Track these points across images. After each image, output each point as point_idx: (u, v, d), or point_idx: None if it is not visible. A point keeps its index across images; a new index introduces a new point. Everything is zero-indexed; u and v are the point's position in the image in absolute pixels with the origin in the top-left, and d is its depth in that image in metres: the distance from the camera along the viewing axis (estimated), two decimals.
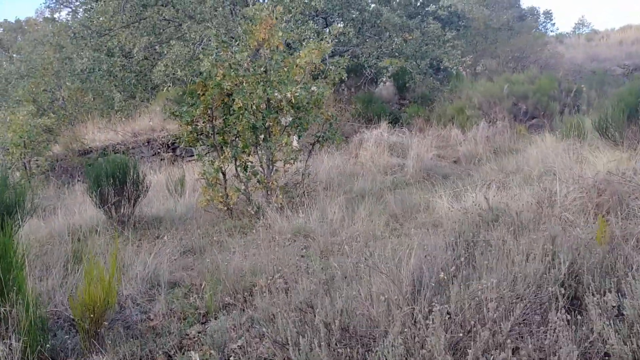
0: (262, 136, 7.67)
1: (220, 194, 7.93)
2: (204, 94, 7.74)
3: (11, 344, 3.56)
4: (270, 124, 7.50)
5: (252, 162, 8.01)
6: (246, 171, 7.92)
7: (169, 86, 13.51)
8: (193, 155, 16.37)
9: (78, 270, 5.60)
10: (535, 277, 3.25)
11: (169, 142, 15.99)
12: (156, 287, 5.46)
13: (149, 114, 17.80)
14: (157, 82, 15.74)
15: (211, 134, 7.94)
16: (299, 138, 7.92)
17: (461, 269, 3.65)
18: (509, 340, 2.77)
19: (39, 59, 20.04)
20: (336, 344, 2.86)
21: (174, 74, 13.78)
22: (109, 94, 18.66)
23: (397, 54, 16.09)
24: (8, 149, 14.20)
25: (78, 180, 13.76)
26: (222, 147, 8.17)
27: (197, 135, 8.02)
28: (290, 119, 7.39)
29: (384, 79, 19.36)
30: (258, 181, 7.78)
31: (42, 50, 21.00)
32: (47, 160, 14.87)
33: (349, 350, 2.88)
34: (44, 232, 8.21)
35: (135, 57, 15.64)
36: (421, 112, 14.93)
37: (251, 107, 7.27)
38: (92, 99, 19.84)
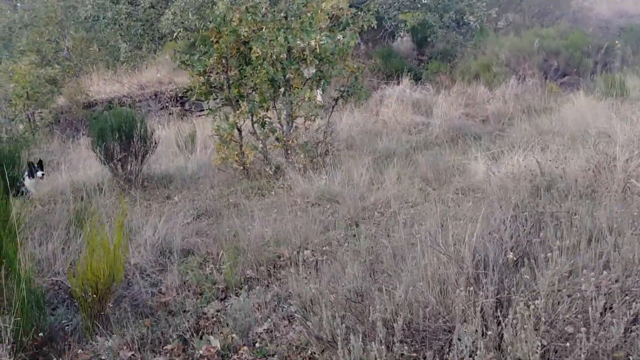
0: (282, 89, 6.95)
1: (236, 152, 7.28)
2: (217, 42, 6.99)
3: None
4: (291, 76, 6.78)
5: (270, 118, 7.33)
6: (264, 128, 7.24)
7: (179, 32, 12.59)
8: (203, 110, 15.61)
9: (80, 234, 5.03)
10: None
11: (178, 96, 15.25)
12: (167, 255, 4.88)
13: (156, 66, 16.99)
14: (164, 32, 14.84)
15: (226, 87, 7.23)
16: (323, 92, 7.20)
17: (530, 249, 3.04)
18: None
19: (42, 7, 19.06)
20: (397, 345, 2.25)
21: (182, 22, 12.90)
22: (115, 44, 17.78)
23: (418, 6, 15.10)
24: (11, 101, 13.52)
25: (83, 134, 13.11)
26: (237, 100, 7.47)
27: (210, 88, 7.31)
28: (314, 70, 6.66)
29: (402, 34, 18.35)
30: (276, 139, 7.12)
31: None
32: (51, 112, 14.18)
33: (413, 353, 2.29)
34: (45, 190, 7.63)
35: (141, 4, 14.74)
36: (443, 68, 14.06)
37: (270, 56, 6.53)
38: (98, 50, 18.93)
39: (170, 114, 14.96)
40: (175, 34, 16.18)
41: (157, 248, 4.92)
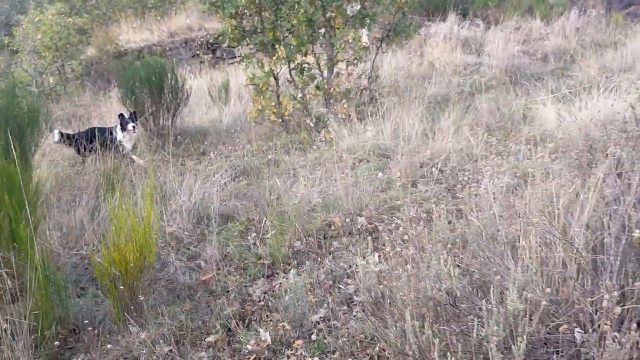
0: (322, 31, 6.20)
1: (273, 103, 6.65)
2: None
3: (13, 320, 2.55)
4: (332, 14, 6.01)
5: (309, 64, 6.62)
6: (302, 75, 6.55)
7: None
8: (235, 57, 14.93)
9: (110, 200, 4.57)
10: None
11: (209, 43, 14.55)
12: (205, 221, 4.39)
13: (186, 12, 16.22)
14: None
15: (259, 30, 6.51)
16: (369, 31, 6.41)
17: None
18: None
19: None
20: None
21: None
22: None
23: None
24: (40, 52, 13.07)
25: (114, 86, 12.63)
26: (272, 45, 6.77)
27: (243, 32, 6.61)
28: (358, 7, 5.88)
29: None
30: (317, 87, 6.43)
31: None
32: (81, 64, 13.74)
33: None
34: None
35: None
36: (492, 1, 12.86)
37: None
38: None
39: (201, 62, 14.33)
40: None
41: (194, 214, 4.42)
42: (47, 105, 11.07)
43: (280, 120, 6.73)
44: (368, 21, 6.16)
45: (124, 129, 6.47)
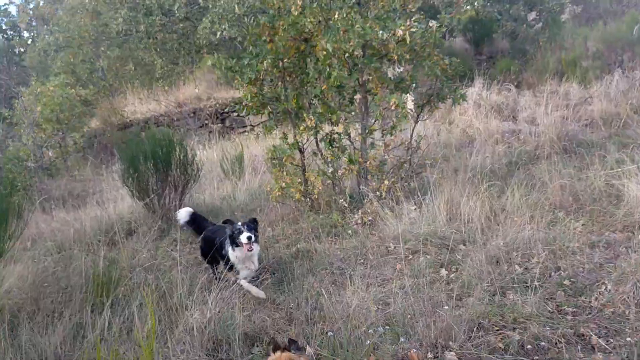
0: (357, 97, 5.28)
1: (299, 180, 5.66)
2: (272, 40, 5.39)
3: None
4: (369, 77, 5.11)
5: (339, 134, 5.67)
6: (332, 146, 5.58)
7: (219, 41, 11.02)
8: (245, 126, 14.21)
9: (101, 313, 3.46)
10: None
11: (218, 112, 13.83)
12: (224, 347, 3.24)
13: (194, 82, 15.63)
14: (202, 43, 13.47)
15: (283, 97, 5.61)
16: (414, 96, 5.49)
17: None
18: None
19: (76, 28, 18.02)
20: None
21: (222, 32, 11.43)
22: (150, 60, 16.53)
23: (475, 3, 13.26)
24: (40, 125, 12.30)
25: (118, 159, 11.74)
26: (296, 114, 5.86)
27: (263, 100, 5.70)
28: (400, 69, 4.99)
29: (454, 33, 16.48)
30: (350, 160, 5.44)
31: (78, 18, 19.00)
32: (83, 136, 12.94)
33: None
34: (63, 236, 6.19)
35: (176, 14, 13.39)
36: (514, 66, 12.17)
37: (343, 53, 4.88)
38: (133, 68, 17.74)
39: (210, 132, 13.54)
40: (209, 49, 14.85)
41: (209, 336, 3.29)
42: (42, 181, 10.18)
43: (307, 199, 5.70)
44: (413, 85, 5.26)
45: (234, 242, 4.18)
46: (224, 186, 7.84)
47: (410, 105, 4.78)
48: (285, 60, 5.55)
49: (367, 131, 5.54)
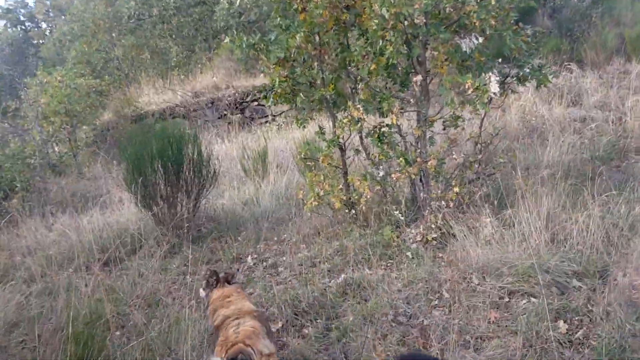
0: (417, 78, 4.03)
1: (340, 186, 4.45)
2: (305, 9, 4.16)
3: None
4: (434, 52, 3.87)
5: (388, 126, 4.42)
6: (381, 142, 4.34)
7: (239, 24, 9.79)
8: (267, 116, 12.99)
9: None
10: None
11: (237, 102, 12.65)
12: None
13: (212, 70, 14.45)
14: (219, 27, 12.27)
15: (320, 80, 4.39)
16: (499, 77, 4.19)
17: None
18: None
19: (90, 16, 16.95)
20: None
21: (241, 13, 10.20)
22: (166, 47, 15.40)
23: None
24: (48, 117, 11.23)
25: (122, 159, 10.61)
26: (334, 102, 4.64)
27: (294, 85, 4.48)
28: (479, 40, 3.75)
29: None
30: (406, 160, 4.20)
31: (92, 6, 17.92)
32: (94, 129, 11.87)
33: None
34: (58, 250, 5.09)
35: None
36: (564, 45, 10.72)
37: (403, 20, 3.64)
38: (149, 57, 16.61)
39: (229, 123, 12.38)
40: (228, 34, 13.67)
41: None
42: (45, 180, 9.12)
43: (350, 209, 4.49)
44: (490, 62, 4.00)
45: None
46: (245, 187, 6.67)
47: (494, 87, 3.50)
48: (321, 34, 4.32)
49: (427, 123, 4.29)
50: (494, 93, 3.58)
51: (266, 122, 12.46)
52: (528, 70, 4.28)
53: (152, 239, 5.09)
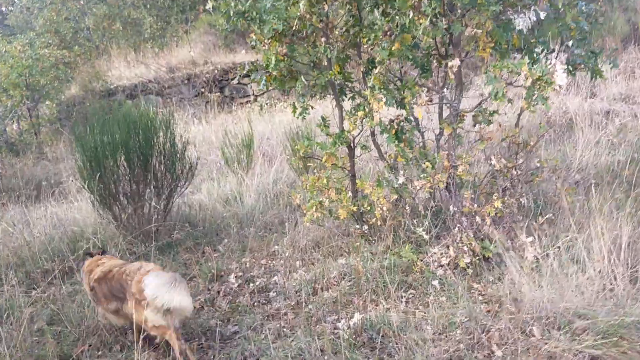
0: (454, 63, 3.14)
1: (349, 193, 3.56)
2: None
3: None
4: (479, 29, 2.98)
5: (408, 120, 3.54)
6: (398, 140, 3.45)
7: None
8: (248, 96, 11.93)
9: None
10: None
11: (216, 79, 11.59)
12: None
13: (189, 43, 13.29)
14: None
15: (326, 61, 3.47)
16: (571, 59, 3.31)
17: None
18: None
19: None
20: None
21: None
22: (139, 18, 14.14)
23: None
24: (7, 91, 10.00)
25: (76, 149, 9.49)
26: (341, 88, 3.73)
27: (292, 65, 3.53)
28: (540, 16, 2.87)
29: None
30: (431, 164, 3.33)
31: None
32: (58, 105, 10.68)
33: None
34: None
35: None
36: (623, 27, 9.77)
37: None
38: (121, 28, 15.27)
39: (207, 102, 11.32)
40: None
41: None
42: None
43: (360, 221, 3.61)
44: (545, 43, 3.15)
45: None
46: (226, 180, 5.72)
47: (561, 79, 2.64)
48: (329, 3, 3.38)
49: (458, 118, 3.42)
50: (559, 85, 2.72)
51: (247, 102, 11.45)
52: (580, 58, 3.42)
53: (112, 246, 4.14)
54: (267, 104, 10.77)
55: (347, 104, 3.81)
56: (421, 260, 3.29)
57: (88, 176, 4.06)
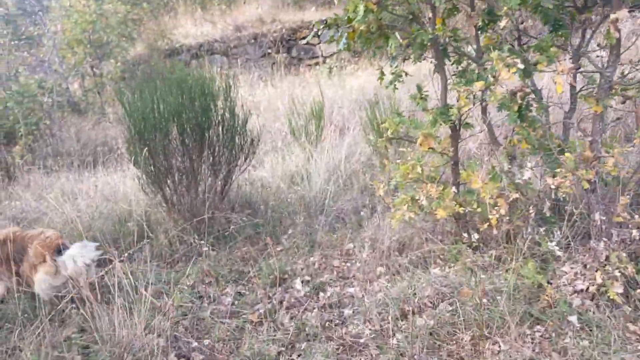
0: (613, 15, 2.23)
1: (453, 189, 2.74)
2: None
3: None
4: None
5: (535, 92, 2.65)
6: (522, 119, 2.57)
7: None
8: (316, 57, 11.13)
9: None
10: None
11: (284, 39, 10.82)
12: None
13: (257, 0, 12.53)
14: None
15: (432, 8, 2.61)
16: None
17: None
18: None
19: None
20: None
21: None
22: None
23: None
24: (72, 48, 9.68)
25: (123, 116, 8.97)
26: (444, 50, 2.85)
27: (379, 22, 2.70)
28: None
29: None
30: (566, 150, 2.45)
31: None
32: (122, 64, 10.28)
33: None
34: None
35: None
36: None
37: None
38: None
39: (273, 63, 10.61)
40: None
41: None
42: (59, 122, 7.63)
43: (466, 227, 2.80)
44: None
45: None
46: (292, 154, 5.01)
47: None
48: None
49: (609, 92, 2.50)
50: None
51: (316, 64, 10.63)
52: None
53: (162, 231, 3.55)
54: (336, 66, 9.92)
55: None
56: (549, 283, 2.45)
57: (135, 151, 3.45)
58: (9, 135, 6.66)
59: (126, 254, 3.04)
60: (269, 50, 10.78)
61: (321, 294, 2.85)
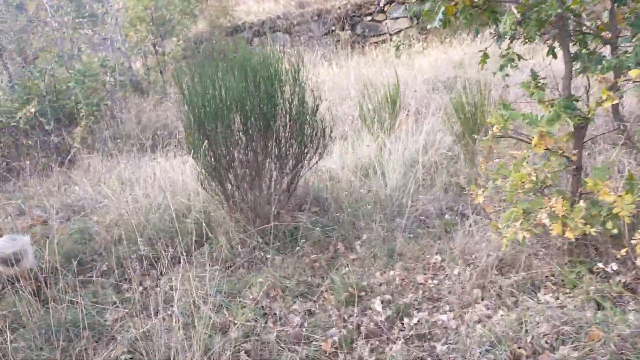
0: None
1: (580, 201, 2.20)
2: None
3: None
4: None
5: None
6: None
7: None
8: (383, 34, 10.50)
9: None
10: None
11: (348, 15, 10.25)
12: None
13: None
14: None
15: None
16: None
17: None
18: None
19: None
20: None
21: None
22: None
23: None
24: (135, 26, 9.55)
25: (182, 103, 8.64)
26: (580, 31, 2.28)
27: None
28: None
29: None
30: None
31: None
32: (184, 42, 10.05)
33: None
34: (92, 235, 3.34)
35: None
36: None
37: None
38: None
39: (337, 41, 10.07)
40: None
41: None
42: (119, 103, 7.46)
43: (594, 250, 2.26)
44: None
45: None
46: (362, 142, 4.53)
47: None
48: None
49: None
50: None
51: (383, 41, 10.02)
52: None
53: (222, 232, 3.20)
54: (403, 44, 9.30)
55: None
56: None
57: (194, 143, 3.08)
58: (70, 116, 6.54)
59: (185, 256, 2.72)
60: (333, 28, 10.26)
61: (405, 319, 2.40)
